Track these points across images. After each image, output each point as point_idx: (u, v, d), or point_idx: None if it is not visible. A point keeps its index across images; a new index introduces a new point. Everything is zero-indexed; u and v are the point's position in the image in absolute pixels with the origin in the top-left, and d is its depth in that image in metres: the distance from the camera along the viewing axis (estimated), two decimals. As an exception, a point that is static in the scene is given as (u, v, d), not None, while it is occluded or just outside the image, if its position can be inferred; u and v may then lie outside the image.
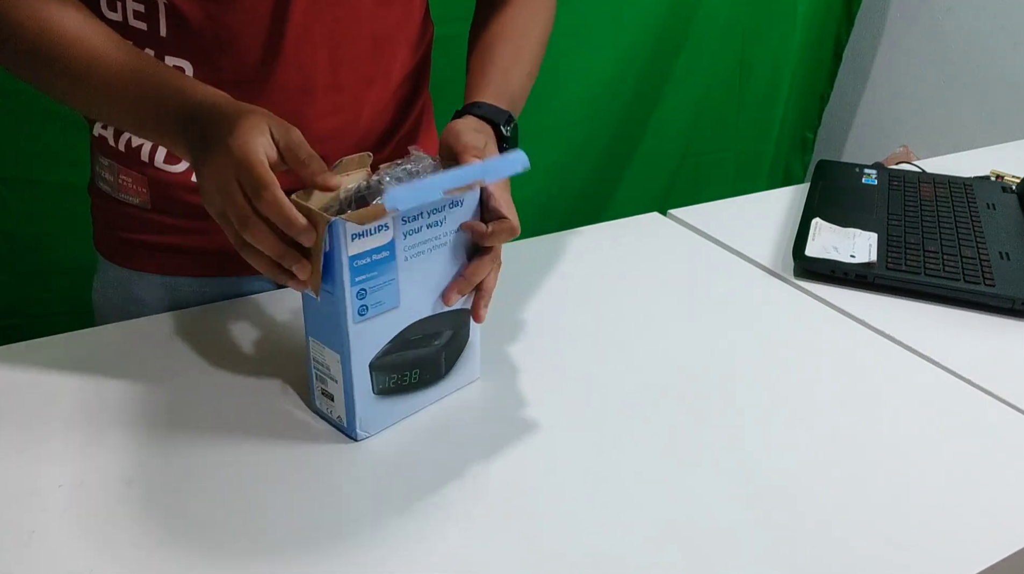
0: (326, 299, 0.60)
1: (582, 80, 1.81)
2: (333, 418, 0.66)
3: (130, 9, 0.73)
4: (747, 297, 0.90)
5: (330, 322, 0.61)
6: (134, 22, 0.74)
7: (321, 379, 0.66)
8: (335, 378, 0.64)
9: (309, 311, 0.64)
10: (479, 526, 0.59)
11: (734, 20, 1.98)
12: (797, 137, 2.36)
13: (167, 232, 0.82)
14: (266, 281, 0.89)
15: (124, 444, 0.64)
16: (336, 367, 0.63)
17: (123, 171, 0.80)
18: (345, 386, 0.63)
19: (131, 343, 0.77)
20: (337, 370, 0.63)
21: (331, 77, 0.78)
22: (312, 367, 0.66)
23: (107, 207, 0.84)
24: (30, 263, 1.46)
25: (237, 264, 0.86)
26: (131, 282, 0.85)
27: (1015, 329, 0.86)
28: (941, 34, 2.09)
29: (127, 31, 0.74)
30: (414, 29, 0.84)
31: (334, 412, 0.66)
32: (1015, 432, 0.71)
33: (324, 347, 0.63)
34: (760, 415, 0.72)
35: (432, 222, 0.62)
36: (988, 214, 1.07)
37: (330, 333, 0.62)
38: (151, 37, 0.74)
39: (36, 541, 0.56)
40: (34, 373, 0.72)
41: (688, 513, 0.61)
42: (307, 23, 0.74)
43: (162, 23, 0.73)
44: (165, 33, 0.74)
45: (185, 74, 0.68)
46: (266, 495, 0.60)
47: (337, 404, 0.65)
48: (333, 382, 0.64)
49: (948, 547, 0.59)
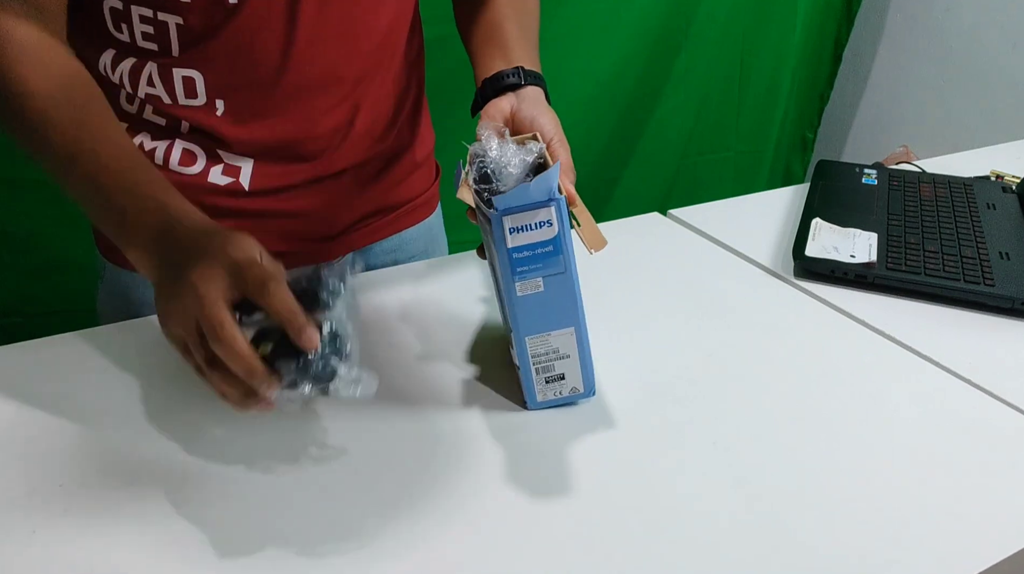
0: (553, 284, 0.64)
1: (582, 80, 1.81)
2: (563, 398, 0.69)
3: (138, 31, 0.73)
4: (747, 297, 0.90)
5: (557, 303, 0.65)
6: (143, 43, 0.74)
7: (547, 368, 0.68)
8: (567, 353, 0.67)
9: (523, 316, 0.65)
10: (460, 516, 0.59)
11: (734, 20, 1.98)
12: (797, 137, 2.36)
13: None
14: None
15: (125, 444, 0.64)
16: (568, 341, 0.67)
17: None
18: (581, 352, 0.67)
19: (131, 343, 0.77)
20: (570, 343, 0.67)
21: (338, 72, 0.79)
22: (530, 366, 0.68)
23: None
24: (29, 262, 1.47)
25: None
26: (140, 285, 0.85)
27: (1015, 329, 0.86)
28: (941, 34, 2.09)
29: (136, 51, 0.74)
30: (411, 19, 0.85)
31: (565, 389, 0.69)
32: (1015, 432, 0.71)
33: (550, 334, 0.66)
34: (760, 415, 0.72)
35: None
36: (988, 214, 1.07)
37: (558, 314, 0.65)
38: (161, 55, 0.74)
39: (37, 541, 0.56)
40: (34, 373, 0.72)
41: (688, 513, 0.61)
42: (317, 22, 0.75)
43: (174, 42, 0.73)
44: (177, 52, 0.74)
45: (171, 188, 0.64)
46: (266, 495, 0.60)
47: (571, 378, 0.68)
48: (564, 359, 0.67)
49: (948, 547, 0.59)
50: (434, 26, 0.92)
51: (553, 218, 0.62)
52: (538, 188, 0.61)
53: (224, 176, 0.80)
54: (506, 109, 0.74)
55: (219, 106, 0.77)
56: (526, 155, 0.66)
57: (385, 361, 0.76)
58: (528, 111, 0.74)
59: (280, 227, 0.85)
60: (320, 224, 0.88)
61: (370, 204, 0.91)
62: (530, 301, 0.64)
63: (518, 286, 0.64)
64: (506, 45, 0.80)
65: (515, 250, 0.62)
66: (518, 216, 0.61)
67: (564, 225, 0.62)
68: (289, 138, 0.81)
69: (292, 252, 0.88)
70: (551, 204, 0.61)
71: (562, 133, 0.73)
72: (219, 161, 0.80)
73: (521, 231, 0.62)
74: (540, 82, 0.78)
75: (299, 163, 0.82)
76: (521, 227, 0.62)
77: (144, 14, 0.72)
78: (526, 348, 0.67)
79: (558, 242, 0.62)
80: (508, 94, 0.75)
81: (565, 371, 0.68)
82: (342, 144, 0.84)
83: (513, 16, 0.83)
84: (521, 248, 0.62)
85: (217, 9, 0.71)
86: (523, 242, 0.62)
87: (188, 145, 0.79)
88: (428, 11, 0.90)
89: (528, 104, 0.74)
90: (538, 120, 0.73)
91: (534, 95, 0.76)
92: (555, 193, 0.61)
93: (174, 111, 0.77)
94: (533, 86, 0.76)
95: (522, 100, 0.75)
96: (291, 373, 0.54)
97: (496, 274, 0.68)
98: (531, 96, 0.75)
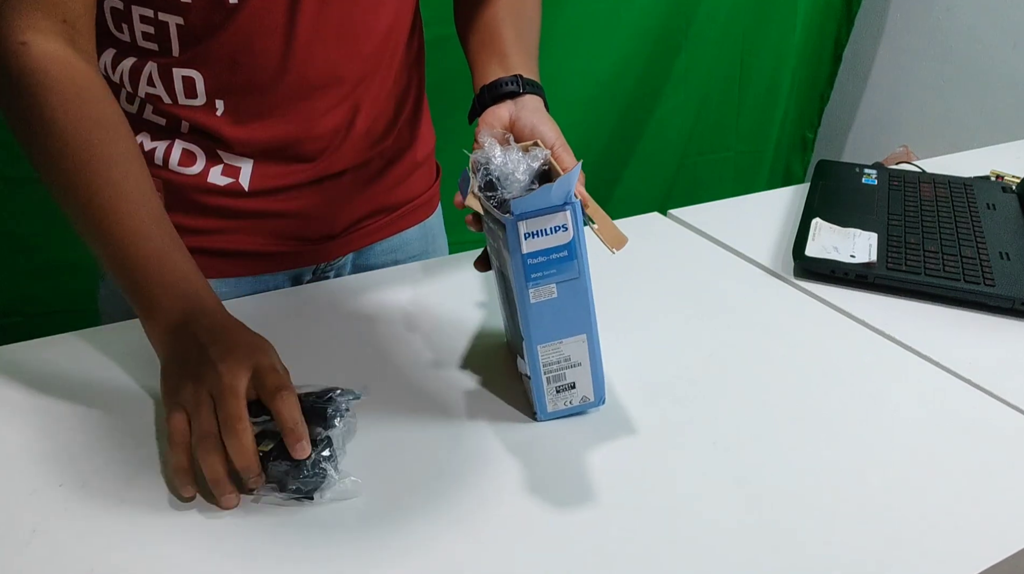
0: (566, 289, 0.63)
1: (582, 80, 1.81)
2: (573, 407, 0.68)
3: (138, 31, 0.73)
4: (747, 297, 0.90)
5: (571, 310, 0.64)
6: (143, 43, 0.74)
7: (558, 377, 0.67)
8: (579, 361, 0.66)
9: (536, 324, 0.64)
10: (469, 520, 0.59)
11: (734, 20, 1.98)
12: (797, 137, 2.36)
13: (182, 234, 0.82)
14: (281, 281, 0.89)
15: (126, 444, 0.64)
16: (580, 349, 0.66)
17: None
18: (592, 360, 0.67)
19: (132, 343, 0.77)
20: (582, 350, 0.66)
21: (338, 73, 0.79)
22: (541, 376, 0.67)
23: None
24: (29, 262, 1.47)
25: (255, 263, 0.87)
26: None
27: (1015, 329, 0.86)
28: (941, 34, 2.09)
29: (136, 51, 0.74)
30: (411, 19, 0.85)
31: (576, 398, 0.68)
32: (1015, 432, 0.71)
33: (562, 342, 0.65)
34: (760, 415, 0.72)
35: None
36: (988, 214, 1.07)
37: (571, 321, 0.65)
38: (161, 55, 0.74)
39: (37, 541, 0.56)
40: (35, 372, 0.72)
41: (688, 513, 0.61)
42: (317, 22, 0.75)
43: (174, 42, 0.73)
44: (178, 52, 0.74)
45: (199, 275, 0.68)
46: (267, 497, 0.60)
47: (581, 386, 0.68)
48: (576, 367, 0.67)
49: (948, 547, 0.59)
50: (434, 27, 0.92)
51: (568, 222, 0.61)
52: (559, 191, 0.60)
53: (224, 176, 0.80)
54: (505, 117, 0.74)
55: (219, 106, 0.77)
56: (532, 161, 0.65)
57: (385, 365, 0.76)
58: (528, 119, 0.73)
59: (280, 227, 0.85)
60: (320, 224, 0.88)
61: (370, 204, 0.91)
62: (543, 308, 0.64)
63: (532, 292, 0.63)
64: (503, 51, 0.80)
65: (530, 255, 0.61)
66: (534, 221, 0.61)
67: (579, 229, 0.62)
68: (289, 138, 0.81)
69: (292, 252, 0.88)
70: (567, 208, 0.61)
71: (563, 139, 0.73)
72: (219, 161, 0.80)
73: (536, 236, 0.61)
74: (538, 91, 0.77)
75: (299, 163, 0.82)
76: (536, 232, 0.61)
77: (144, 14, 0.72)
78: (538, 357, 0.66)
79: (573, 247, 0.62)
80: (507, 102, 0.75)
81: (576, 380, 0.67)
82: (342, 144, 0.84)
83: (511, 21, 0.82)
84: (536, 254, 0.62)
85: (217, 9, 0.71)
86: (538, 247, 0.62)
87: (188, 145, 0.79)
88: (428, 12, 0.90)
89: (528, 112, 0.74)
90: (539, 128, 0.73)
91: (533, 104, 0.75)
92: (572, 197, 0.61)
93: (174, 111, 0.77)
94: (532, 95, 0.76)
95: (521, 108, 0.75)
96: (281, 475, 0.59)
97: (506, 282, 0.67)
98: (530, 105, 0.75)
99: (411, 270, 0.93)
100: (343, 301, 0.85)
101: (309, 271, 0.91)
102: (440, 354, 0.77)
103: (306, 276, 0.91)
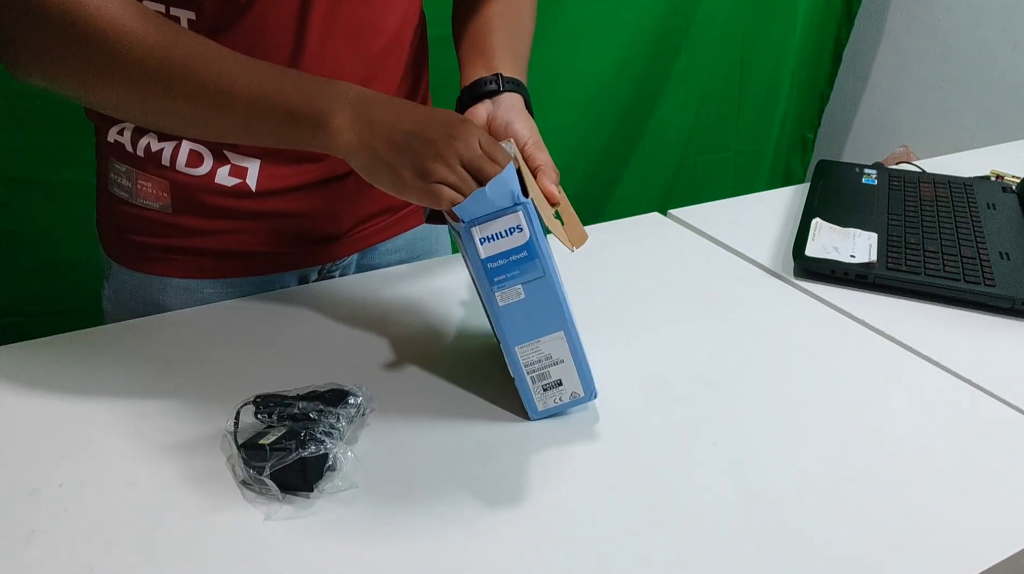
0: (533, 289, 0.63)
1: (581, 80, 1.81)
2: (565, 403, 0.68)
3: None
4: (747, 297, 0.90)
5: (541, 309, 0.64)
6: None
7: (542, 376, 0.67)
8: (561, 358, 0.66)
9: (508, 326, 0.64)
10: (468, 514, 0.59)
11: (734, 20, 1.98)
12: (797, 137, 2.36)
13: (189, 235, 0.82)
14: (287, 281, 0.89)
15: (126, 444, 0.64)
16: (560, 345, 0.66)
17: (141, 176, 0.80)
18: (574, 355, 0.66)
19: (133, 342, 0.77)
20: (562, 347, 0.66)
21: (346, 72, 0.79)
22: (526, 377, 0.67)
23: (122, 212, 0.83)
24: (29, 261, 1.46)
25: (260, 264, 0.87)
26: (149, 287, 0.85)
27: (1015, 329, 0.86)
28: (941, 34, 2.09)
29: None
30: (417, 19, 0.85)
31: (565, 395, 0.68)
32: (1015, 432, 0.71)
33: (539, 340, 0.65)
34: (759, 415, 0.72)
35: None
36: (988, 214, 1.07)
37: (544, 320, 0.65)
38: None
39: (36, 541, 0.56)
40: (35, 372, 0.72)
41: (687, 513, 0.61)
42: (329, 20, 0.75)
43: None
44: None
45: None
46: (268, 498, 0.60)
47: (568, 383, 0.67)
48: (559, 364, 0.66)
49: (948, 547, 0.59)
50: (436, 26, 0.92)
51: (522, 223, 0.61)
52: (495, 192, 0.60)
53: (231, 177, 0.80)
54: (482, 116, 0.74)
55: None
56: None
57: (388, 364, 0.76)
58: (503, 116, 0.73)
59: (285, 228, 0.85)
60: (326, 224, 0.88)
61: (375, 204, 0.91)
62: (514, 310, 0.64)
63: (499, 296, 0.63)
64: (489, 53, 0.80)
65: (489, 260, 0.62)
66: (487, 225, 0.61)
67: (536, 229, 0.61)
68: None
69: (297, 252, 0.88)
70: (517, 209, 0.61)
71: (538, 136, 0.73)
72: (226, 162, 0.80)
73: (492, 240, 0.61)
74: (520, 89, 0.77)
75: (306, 164, 0.82)
76: (491, 236, 0.61)
77: (157, 9, 0.72)
78: (517, 358, 0.66)
79: (531, 247, 0.62)
80: (485, 101, 0.75)
81: (561, 377, 0.67)
82: None
83: (502, 27, 0.82)
84: (495, 257, 0.62)
85: (230, 5, 0.71)
86: (496, 251, 0.61)
87: (195, 146, 0.79)
88: (429, 12, 0.90)
89: (503, 110, 0.74)
90: (513, 125, 0.73)
91: (510, 101, 0.75)
92: (519, 197, 0.61)
93: None
94: (511, 92, 0.76)
95: (498, 106, 0.75)
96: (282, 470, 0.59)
97: (477, 287, 0.67)
98: (507, 102, 0.75)
99: (415, 270, 0.93)
100: (347, 300, 0.85)
101: (314, 271, 0.91)
102: (443, 353, 0.77)
103: (311, 276, 0.91)
